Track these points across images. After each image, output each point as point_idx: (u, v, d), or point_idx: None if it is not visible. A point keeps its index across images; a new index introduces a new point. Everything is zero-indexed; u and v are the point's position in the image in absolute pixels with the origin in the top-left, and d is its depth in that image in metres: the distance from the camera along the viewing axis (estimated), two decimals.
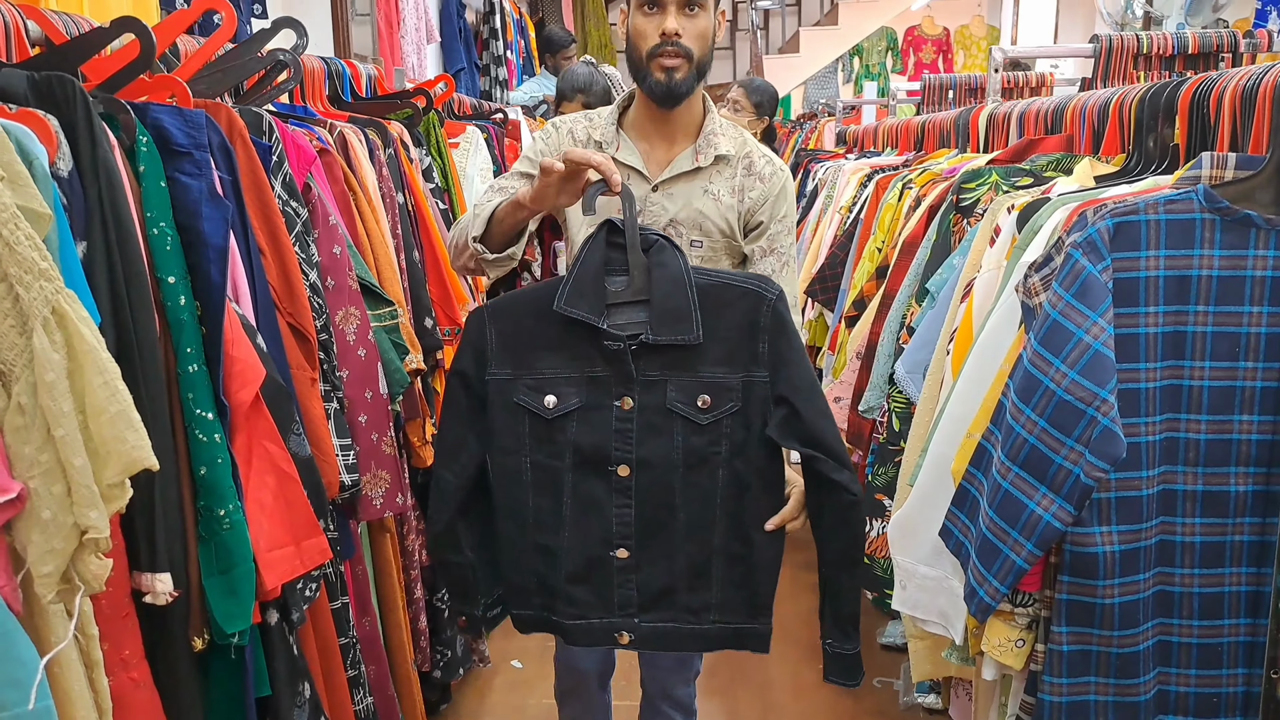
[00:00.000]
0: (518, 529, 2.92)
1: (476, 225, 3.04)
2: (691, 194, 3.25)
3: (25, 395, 1.99)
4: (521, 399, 2.86)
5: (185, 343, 2.47)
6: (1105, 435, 2.23)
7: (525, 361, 2.86)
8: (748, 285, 2.83)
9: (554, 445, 2.87)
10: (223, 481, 2.51)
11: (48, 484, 1.99)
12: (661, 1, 3.07)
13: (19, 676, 1.93)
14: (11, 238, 1.95)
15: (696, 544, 2.90)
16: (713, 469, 2.86)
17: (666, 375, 2.82)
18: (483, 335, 2.87)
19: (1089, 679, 2.38)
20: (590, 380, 2.84)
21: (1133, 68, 4.43)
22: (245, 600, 2.55)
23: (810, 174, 7.76)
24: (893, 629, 5.49)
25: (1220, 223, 2.27)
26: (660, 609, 2.93)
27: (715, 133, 3.28)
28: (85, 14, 3.26)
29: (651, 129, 3.28)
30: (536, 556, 2.93)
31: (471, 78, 10.13)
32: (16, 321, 1.98)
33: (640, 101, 3.28)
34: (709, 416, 2.83)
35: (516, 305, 2.90)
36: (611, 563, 2.90)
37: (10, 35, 2.66)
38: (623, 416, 2.84)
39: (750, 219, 3.30)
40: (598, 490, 2.88)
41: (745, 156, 3.32)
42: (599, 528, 2.89)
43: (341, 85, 4.61)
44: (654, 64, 3.10)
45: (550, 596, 2.95)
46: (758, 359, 2.81)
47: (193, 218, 2.55)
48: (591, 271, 2.79)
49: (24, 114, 2.22)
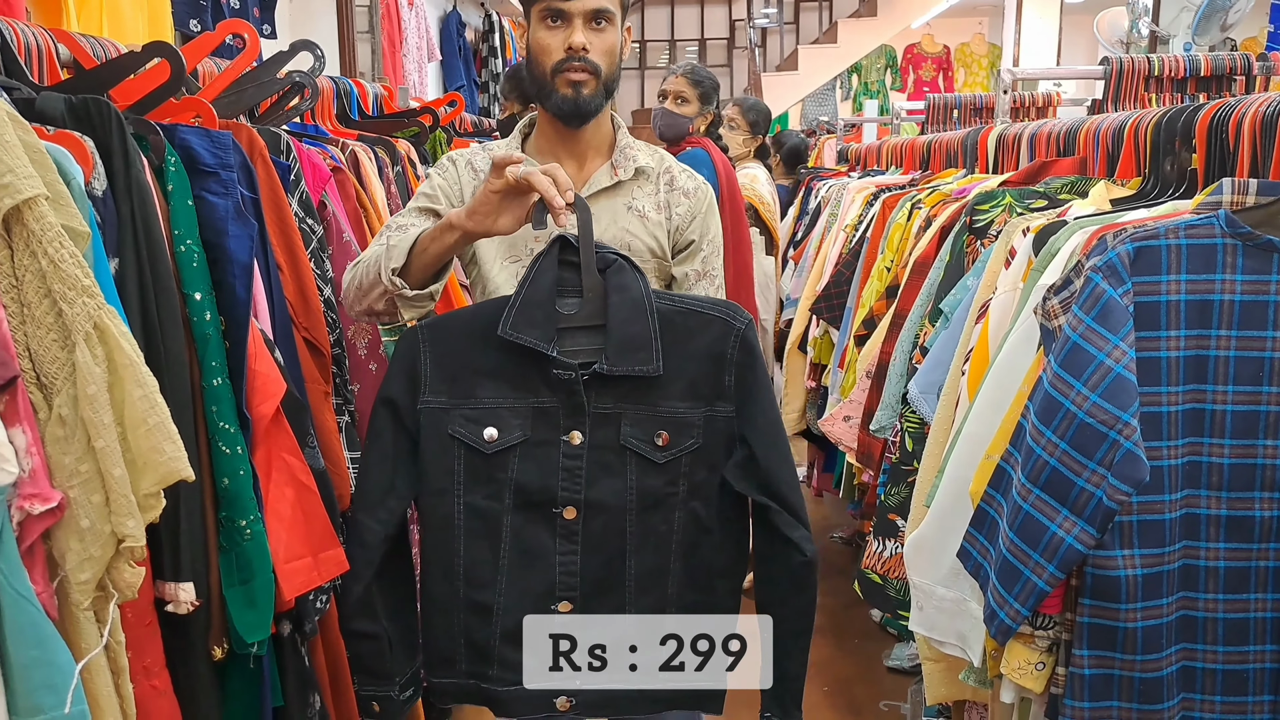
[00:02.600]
0: (447, 583, 2.71)
1: (395, 257, 2.71)
2: (615, 212, 3.06)
3: (66, 407, 2.04)
4: (457, 431, 2.65)
5: (210, 357, 2.52)
6: (1128, 458, 2.24)
7: (463, 389, 2.66)
8: (715, 313, 2.67)
9: (493, 484, 2.66)
10: (244, 493, 2.56)
11: (87, 493, 2.04)
12: (567, 14, 2.89)
13: (55, 681, 1.97)
14: (56, 255, 2.01)
15: (649, 596, 2.73)
16: (668, 511, 2.69)
17: (621, 408, 2.65)
18: (416, 357, 2.66)
19: (1112, 704, 2.37)
20: (536, 412, 2.65)
21: (1144, 90, 4.45)
22: (265, 610, 2.59)
23: (813, 191, 7.79)
24: (899, 652, 5.52)
25: (1242, 248, 2.28)
26: (611, 670, 2.71)
27: (630, 147, 3.11)
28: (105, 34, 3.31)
29: (560, 151, 3.07)
30: (467, 615, 2.71)
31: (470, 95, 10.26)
32: (59, 336, 2.04)
33: (544, 123, 3.10)
34: (667, 455, 2.66)
35: (456, 325, 2.72)
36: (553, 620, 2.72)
37: (42, 58, 2.76)
38: (571, 453, 2.64)
39: (679, 237, 3.12)
40: (541, 536, 2.68)
41: (666, 171, 3.14)
42: (541, 579, 2.69)
43: (349, 104, 4.67)
44: (559, 80, 2.92)
45: (480, 662, 2.73)
46: (723, 393, 2.65)
47: (219, 235, 2.60)
48: (542, 292, 2.59)
49: (61, 135, 2.30)
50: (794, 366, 6.27)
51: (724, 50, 21.90)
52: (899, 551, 3.49)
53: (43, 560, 2.05)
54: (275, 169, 3.03)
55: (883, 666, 5.55)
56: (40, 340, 2.05)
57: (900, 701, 5.09)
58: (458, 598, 2.69)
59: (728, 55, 21.75)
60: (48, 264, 2.01)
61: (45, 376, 2.06)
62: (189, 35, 5.13)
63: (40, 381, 2.06)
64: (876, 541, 3.62)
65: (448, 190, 3.01)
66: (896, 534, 3.53)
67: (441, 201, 2.99)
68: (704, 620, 2.73)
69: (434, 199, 3.00)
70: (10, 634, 1.94)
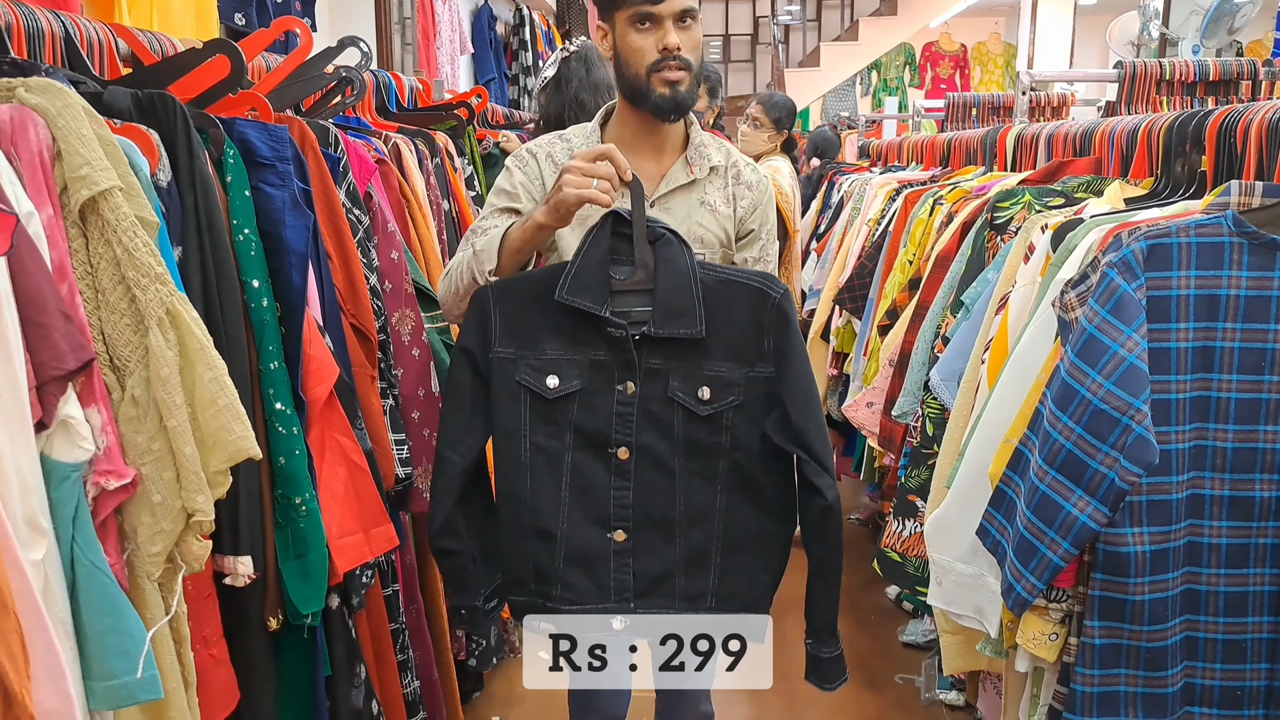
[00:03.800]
0: (515, 513, 2.89)
1: (486, 260, 2.92)
2: (690, 207, 3.19)
3: (139, 388, 2.14)
4: (523, 378, 2.84)
5: (267, 341, 2.61)
6: (1139, 442, 2.34)
7: (529, 342, 2.84)
8: (754, 283, 2.84)
9: (554, 426, 2.86)
10: (299, 472, 2.65)
11: (159, 470, 2.14)
12: (657, 16, 2.99)
13: (128, 648, 2.06)
14: (130, 244, 2.11)
15: (697, 531, 2.90)
16: (713, 458, 2.87)
17: (669, 365, 2.83)
18: (487, 313, 2.85)
19: (1119, 671, 2.48)
20: (593, 364, 2.83)
21: (1155, 93, 4.53)
22: (319, 583, 2.69)
23: (835, 185, 7.83)
24: (914, 627, 5.63)
25: (1248, 246, 2.39)
26: (657, 595, 2.93)
27: (704, 144, 3.24)
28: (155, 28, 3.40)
29: (640, 144, 3.18)
30: (534, 541, 2.89)
31: (501, 88, 10.27)
32: (132, 321, 2.14)
33: (626, 117, 3.20)
34: (709, 408, 2.83)
35: (521, 286, 2.88)
36: (609, 546, 2.89)
37: (103, 52, 2.82)
38: (624, 401, 2.84)
39: (741, 226, 3.26)
40: (597, 472, 2.87)
41: (733, 165, 3.28)
42: (597, 510, 2.88)
43: (387, 97, 4.75)
44: (655, 79, 3.02)
45: (546, 583, 2.91)
46: (763, 355, 2.83)
47: (276, 225, 2.69)
48: (595, 261, 2.79)
49: (128, 128, 2.37)
50: (816, 355, 6.30)
51: (748, 46, 21.89)
52: (918, 531, 3.59)
53: (115, 534, 2.15)
54: (325, 161, 3.11)
55: (898, 642, 5.66)
56: (114, 325, 2.14)
57: (915, 675, 5.24)
58: (525, 525, 2.87)
59: (751, 51, 21.75)
60: (122, 252, 2.11)
61: (118, 359, 2.16)
62: (233, 29, 5.22)
63: (113, 364, 2.16)
64: (896, 521, 3.72)
65: (529, 186, 3.14)
66: (916, 514, 3.62)
67: (523, 199, 3.12)
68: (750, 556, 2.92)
69: (515, 197, 3.13)
70: (86, 603, 2.03)
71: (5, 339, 1.88)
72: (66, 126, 2.10)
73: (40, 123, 2.09)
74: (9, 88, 2.15)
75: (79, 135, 2.10)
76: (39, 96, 2.12)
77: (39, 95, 2.12)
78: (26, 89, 2.13)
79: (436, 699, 3.92)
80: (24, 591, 1.87)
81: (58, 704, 1.95)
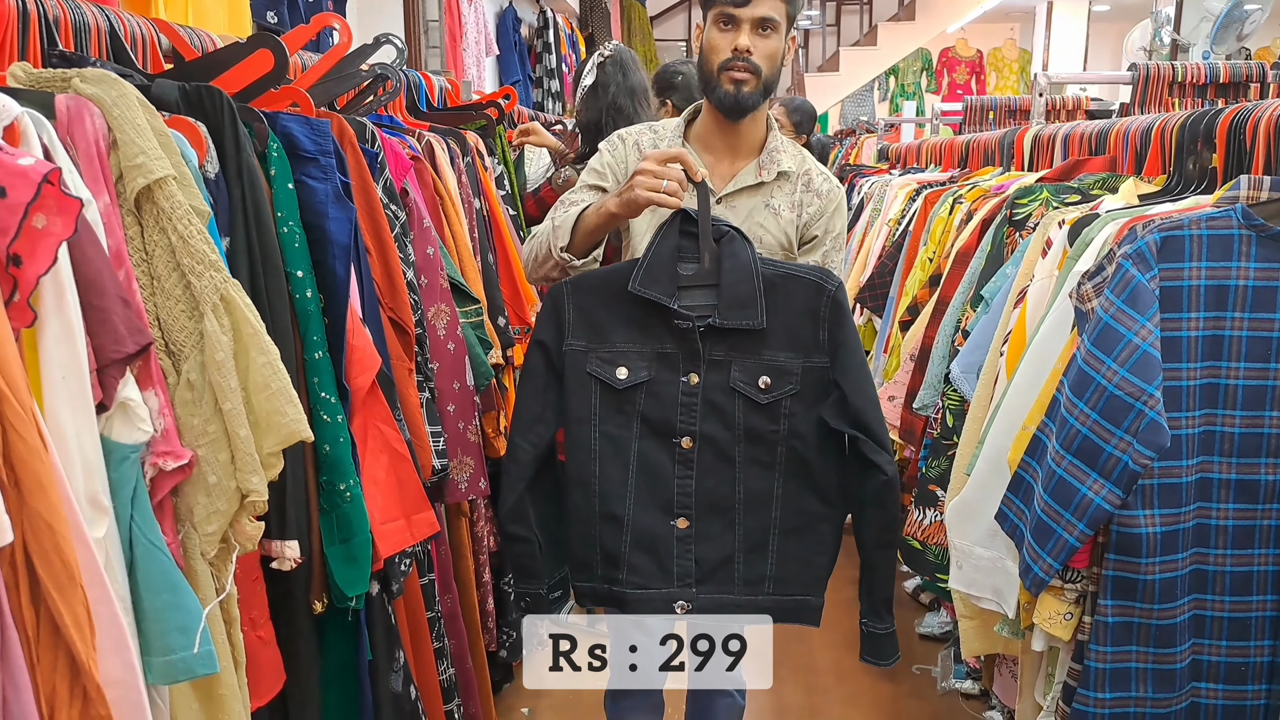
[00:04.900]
0: (585, 498, 3.04)
1: (561, 236, 3.13)
2: (754, 208, 3.35)
3: (194, 373, 2.19)
4: (594, 369, 3.00)
5: (311, 331, 2.66)
6: (1152, 427, 2.43)
7: (600, 335, 3.00)
8: (811, 276, 2.99)
9: (622, 415, 3.01)
10: (344, 459, 2.70)
11: (214, 452, 2.20)
12: (736, 19, 3.16)
13: (185, 623, 2.10)
14: (185, 232, 2.17)
15: (755, 517, 3.04)
16: (772, 446, 3.01)
17: (731, 356, 2.97)
18: (562, 308, 3.02)
19: (1131, 648, 2.56)
20: (659, 356, 2.98)
21: (1168, 94, 4.61)
22: (364, 567, 2.74)
23: (855, 188, 7.88)
24: (930, 619, 5.74)
25: (1256, 238, 2.47)
26: (717, 580, 3.06)
27: (778, 150, 3.39)
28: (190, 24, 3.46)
29: (717, 142, 3.37)
30: (602, 525, 3.03)
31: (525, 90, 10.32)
32: (187, 307, 2.19)
33: (707, 115, 3.38)
34: (769, 396, 2.97)
35: (595, 282, 3.05)
36: (672, 532, 3.03)
37: (146, 47, 2.88)
38: (688, 392, 2.98)
39: (806, 232, 3.41)
40: (662, 460, 3.02)
41: (805, 174, 3.42)
42: (661, 496, 3.02)
43: (418, 96, 4.83)
44: (724, 76, 3.20)
45: (612, 567, 3.06)
46: (819, 345, 2.96)
47: (319, 217, 2.74)
48: (665, 256, 2.94)
49: (176, 121, 2.42)
50: None
51: None
52: (938, 519, 3.67)
53: (171, 514, 2.20)
54: (363, 157, 3.17)
55: (915, 634, 5.75)
56: (169, 311, 2.20)
57: (931, 665, 5.33)
58: (594, 511, 3.04)
59: None
60: (177, 240, 2.16)
61: (173, 344, 2.21)
62: (266, 26, 5.26)
63: (169, 349, 2.21)
64: (917, 510, 3.80)
65: (615, 168, 3.39)
66: (936, 503, 3.70)
67: (609, 179, 3.37)
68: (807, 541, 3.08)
69: (603, 176, 3.38)
70: (144, 581, 2.07)
71: (68, 323, 1.91)
72: (122, 116, 2.14)
73: (96, 112, 2.13)
74: (64, 78, 2.18)
75: (134, 125, 2.14)
76: (94, 87, 2.16)
77: (94, 85, 2.16)
78: (82, 79, 2.17)
79: (470, 686, 3.99)
80: (89, 566, 1.90)
81: (122, 674, 1.97)
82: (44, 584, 1.83)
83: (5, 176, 1.78)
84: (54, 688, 1.88)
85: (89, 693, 1.90)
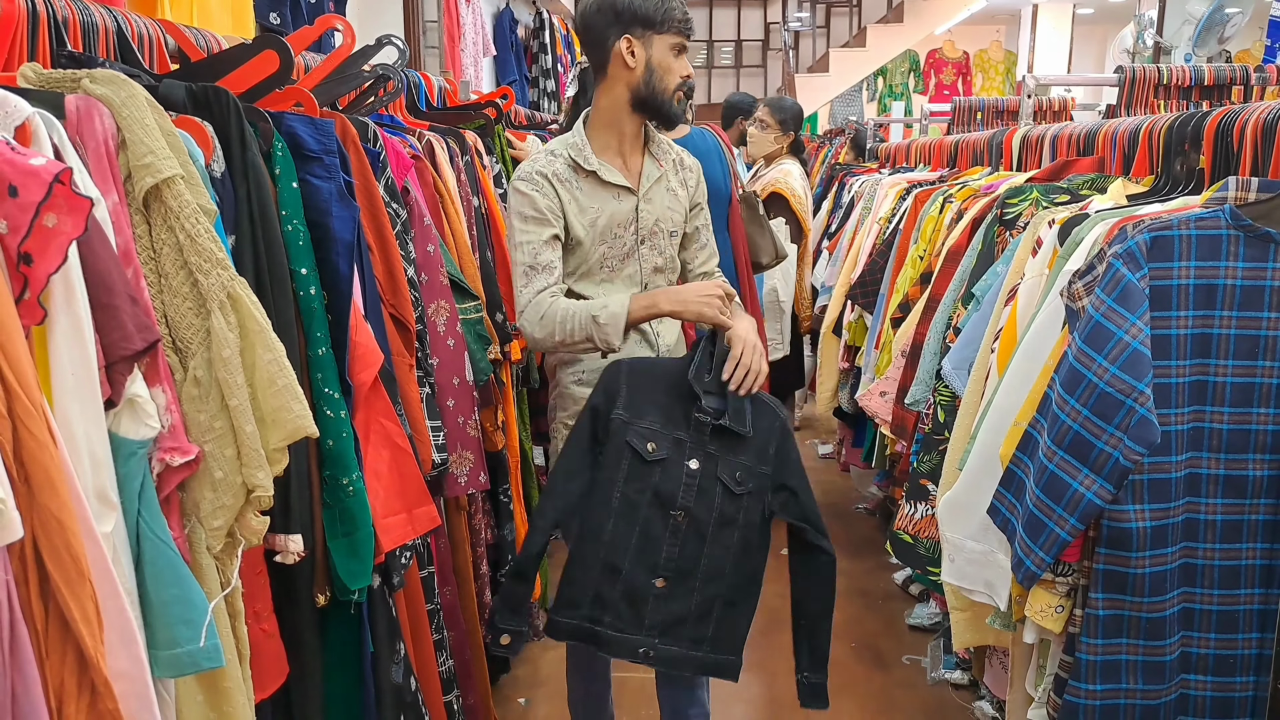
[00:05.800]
0: (593, 546, 3.37)
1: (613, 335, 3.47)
2: (663, 195, 3.80)
3: (201, 369, 2.21)
4: (631, 440, 3.36)
5: (315, 328, 2.68)
6: (1142, 423, 2.47)
7: (639, 412, 3.39)
8: (770, 404, 3.49)
9: (641, 484, 3.36)
10: (347, 453, 2.72)
11: (220, 447, 2.22)
12: (685, 49, 3.71)
13: (191, 617, 2.10)
14: (192, 230, 2.17)
15: (710, 587, 3.41)
16: (732, 530, 3.40)
17: (720, 453, 3.39)
18: (618, 381, 3.43)
19: (1121, 640, 2.59)
20: (675, 441, 3.38)
21: (1153, 97, 4.64)
22: (366, 560, 2.77)
23: (846, 187, 7.92)
24: (920, 611, 5.82)
25: (1244, 238, 2.50)
26: (674, 635, 3.40)
27: (659, 140, 3.86)
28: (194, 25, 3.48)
29: (621, 145, 3.75)
30: (602, 573, 3.36)
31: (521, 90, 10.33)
32: (194, 304, 2.21)
33: (623, 120, 3.73)
34: (739, 489, 3.39)
35: (646, 367, 3.51)
36: (651, 589, 3.37)
37: (153, 47, 2.88)
38: (690, 474, 3.37)
39: (691, 201, 3.92)
40: (659, 527, 3.37)
41: (678, 154, 3.95)
42: (652, 558, 3.37)
43: (417, 96, 4.86)
44: (676, 96, 3.68)
45: (600, 610, 3.37)
46: (768, 457, 3.43)
47: (323, 215, 2.76)
48: (705, 367, 3.41)
49: (184, 120, 2.42)
50: (829, 349, 6.48)
51: (759, 51, 21.90)
52: (930, 513, 3.73)
53: (177, 509, 2.21)
54: (365, 156, 3.19)
55: (905, 625, 5.85)
56: (176, 308, 2.21)
57: (921, 656, 5.40)
58: (599, 559, 3.37)
59: (762, 56, 21.77)
60: (184, 238, 2.17)
61: (180, 341, 2.22)
62: (269, 27, 5.26)
63: (176, 346, 2.22)
64: (909, 505, 3.86)
65: (554, 210, 3.61)
66: (927, 497, 3.76)
67: (554, 223, 3.61)
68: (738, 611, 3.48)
69: (547, 221, 3.59)
70: (150, 574, 2.07)
71: (78, 320, 1.91)
72: (130, 116, 2.15)
73: (105, 112, 2.14)
74: (74, 79, 2.19)
75: (142, 125, 2.15)
76: (104, 87, 2.17)
77: (104, 86, 2.17)
78: (91, 80, 2.17)
79: (469, 677, 4.04)
80: (98, 560, 1.90)
81: (129, 667, 1.98)
82: (53, 578, 1.84)
83: (17, 176, 1.79)
84: (62, 681, 1.89)
85: (97, 686, 1.90)
